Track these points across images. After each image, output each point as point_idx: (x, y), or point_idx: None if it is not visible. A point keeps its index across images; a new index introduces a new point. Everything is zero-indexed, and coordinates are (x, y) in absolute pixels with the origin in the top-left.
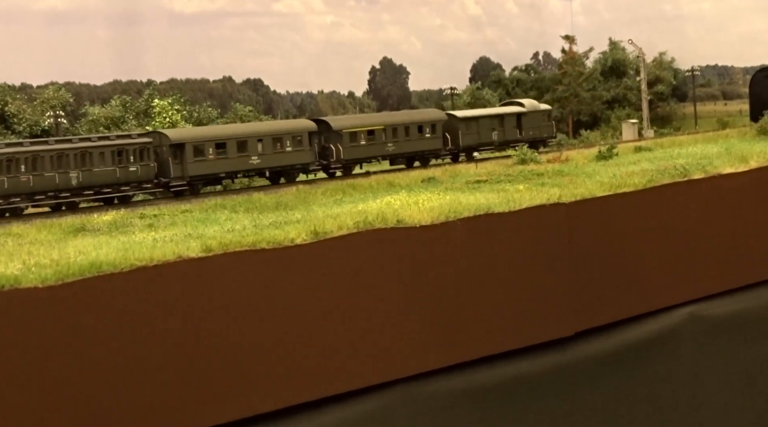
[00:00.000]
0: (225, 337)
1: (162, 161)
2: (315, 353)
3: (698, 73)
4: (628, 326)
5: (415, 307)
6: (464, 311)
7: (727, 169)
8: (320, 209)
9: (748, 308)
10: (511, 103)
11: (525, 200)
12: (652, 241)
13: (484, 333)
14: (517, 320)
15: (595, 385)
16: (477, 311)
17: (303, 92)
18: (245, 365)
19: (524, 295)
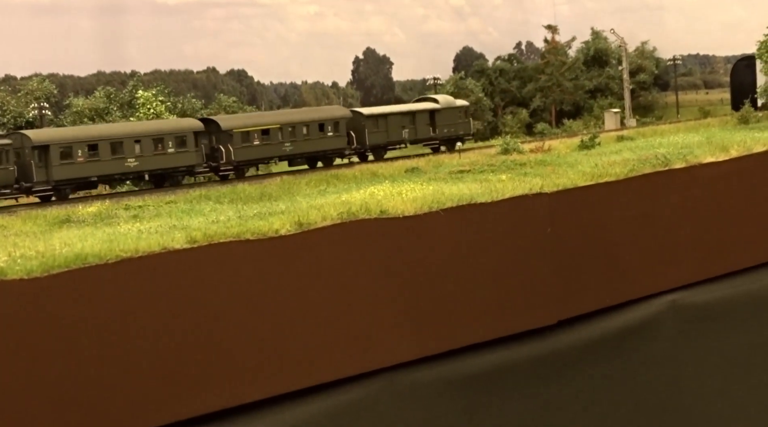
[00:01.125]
0: (210, 327)
1: (24, 165)
2: (299, 343)
3: (680, 63)
4: (610, 314)
5: (398, 297)
6: (448, 300)
7: (708, 159)
8: (304, 200)
9: (728, 295)
10: (425, 99)
11: (507, 190)
12: (634, 230)
13: (467, 322)
14: (501, 309)
15: (578, 372)
16: (460, 301)
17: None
18: (231, 355)
19: (507, 284)
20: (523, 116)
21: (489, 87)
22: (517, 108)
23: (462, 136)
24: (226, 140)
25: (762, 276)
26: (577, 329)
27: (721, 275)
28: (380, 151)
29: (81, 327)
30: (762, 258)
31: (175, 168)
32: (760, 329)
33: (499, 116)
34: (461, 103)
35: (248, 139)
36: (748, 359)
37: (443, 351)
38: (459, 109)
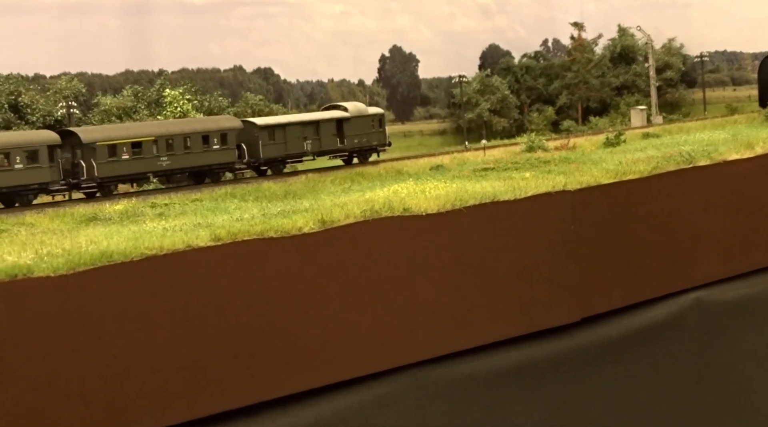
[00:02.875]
0: (234, 325)
1: None
2: (324, 340)
3: (707, 59)
4: (634, 312)
5: (422, 294)
6: (471, 297)
7: (733, 156)
8: (328, 198)
9: (754, 293)
10: (334, 106)
11: (531, 188)
12: (658, 227)
13: (490, 320)
14: (523, 306)
15: (602, 370)
16: (484, 298)
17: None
18: (254, 352)
19: (530, 282)
20: (549, 114)
21: (515, 84)
22: (544, 105)
23: (376, 147)
24: (89, 154)
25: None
26: (601, 326)
27: (745, 272)
28: (278, 166)
29: (106, 324)
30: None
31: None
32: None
33: (525, 114)
34: (374, 111)
35: (115, 153)
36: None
37: (466, 348)
38: (371, 117)
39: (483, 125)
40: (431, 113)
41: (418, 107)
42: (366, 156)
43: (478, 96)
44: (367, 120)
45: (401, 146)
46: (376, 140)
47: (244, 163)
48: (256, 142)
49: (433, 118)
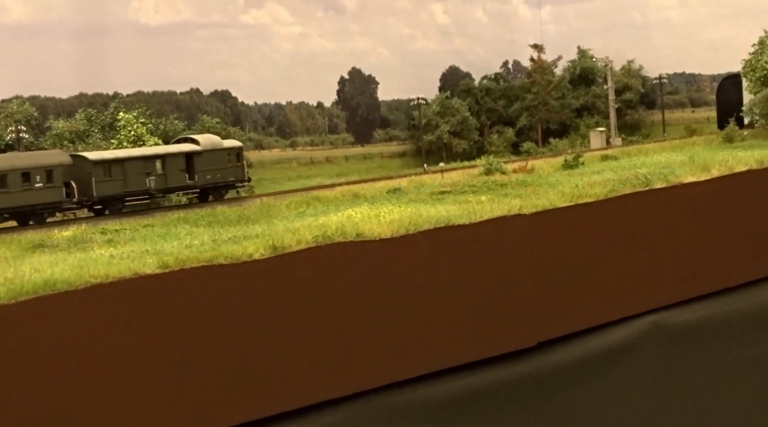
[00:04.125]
0: (181, 353)
1: None
2: (276, 367)
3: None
4: (591, 336)
5: (375, 320)
6: (426, 323)
7: (689, 179)
8: (282, 223)
9: (709, 315)
10: (185, 139)
11: (486, 212)
12: (615, 250)
13: (446, 345)
14: (479, 331)
15: (559, 395)
16: (439, 323)
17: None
18: (203, 382)
19: (486, 306)
20: (509, 135)
21: (475, 106)
22: (504, 127)
23: (233, 184)
24: None
25: (743, 296)
26: (558, 350)
27: (702, 294)
28: (117, 204)
29: (50, 354)
30: (743, 278)
31: None
32: (741, 348)
33: (486, 135)
34: (231, 145)
35: None
36: (730, 378)
37: (421, 374)
38: (227, 151)
39: (443, 147)
40: (391, 135)
41: (378, 129)
42: (221, 193)
43: (438, 118)
44: (221, 154)
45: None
46: (233, 176)
47: (75, 203)
48: (89, 179)
49: (393, 140)
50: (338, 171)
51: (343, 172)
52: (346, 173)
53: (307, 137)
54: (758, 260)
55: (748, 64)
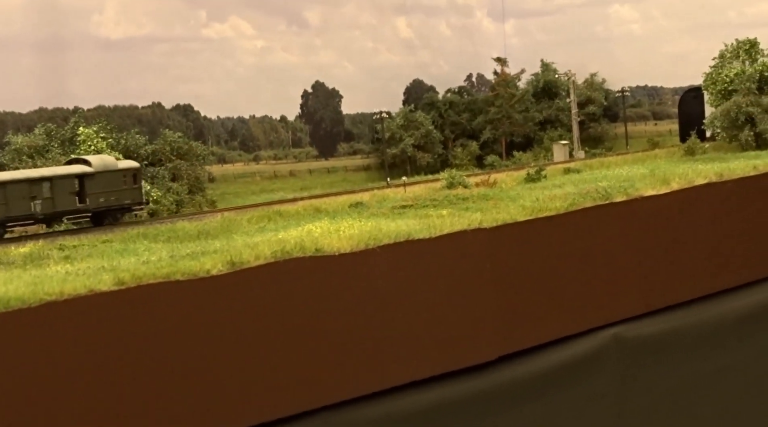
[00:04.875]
0: (139, 371)
1: None
2: (233, 383)
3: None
4: (552, 349)
5: (335, 335)
6: (386, 338)
7: (649, 192)
8: (241, 238)
9: (670, 328)
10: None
11: (446, 226)
12: (575, 264)
13: (406, 360)
14: (440, 345)
15: (521, 409)
16: (399, 338)
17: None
18: (160, 399)
19: (446, 320)
20: (473, 149)
21: (439, 120)
22: (468, 140)
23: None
24: None
25: (703, 309)
26: (519, 364)
27: (663, 307)
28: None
29: (2, 372)
30: (703, 291)
31: None
32: (702, 361)
33: (450, 149)
34: (126, 166)
35: None
36: (692, 391)
37: (381, 389)
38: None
39: (407, 160)
40: (355, 149)
41: (342, 143)
42: (116, 217)
43: (402, 131)
44: (116, 175)
45: (324, 183)
46: (129, 198)
47: None
48: None
49: (357, 153)
50: (302, 185)
51: (307, 185)
52: (310, 187)
53: (271, 151)
54: (718, 273)
55: (709, 77)
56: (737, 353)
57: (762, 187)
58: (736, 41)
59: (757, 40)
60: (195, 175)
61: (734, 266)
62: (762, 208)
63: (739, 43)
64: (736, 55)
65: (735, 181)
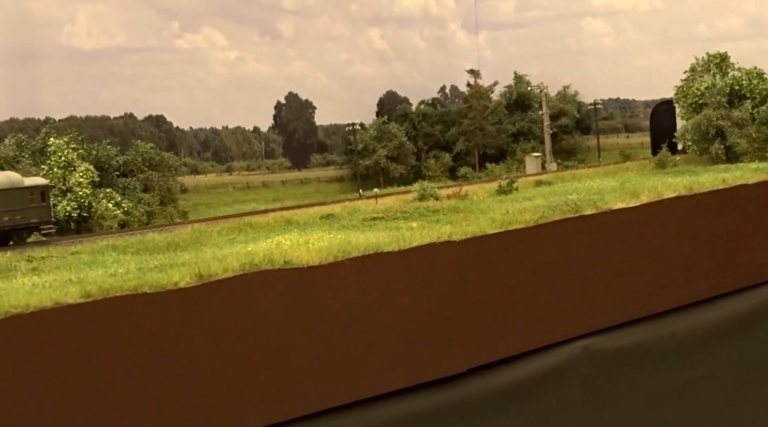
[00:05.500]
0: (106, 384)
1: None
2: (200, 397)
3: (601, 107)
4: (521, 361)
5: (304, 347)
6: (355, 350)
7: (618, 205)
8: (211, 250)
9: (639, 340)
10: None
11: (416, 239)
12: (544, 276)
13: (375, 372)
14: (409, 358)
15: (489, 421)
16: (368, 350)
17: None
18: (128, 413)
19: (415, 332)
20: (446, 160)
21: (412, 131)
22: (441, 152)
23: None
24: None
25: (672, 321)
26: (488, 376)
27: (632, 320)
28: None
29: None
30: (672, 303)
31: None
32: (671, 373)
33: (423, 160)
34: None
35: None
36: (662, 403)
37: (350, 402)
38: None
39: (380, 172)
40: (328, 160)
41: (315, 154)
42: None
43: (375, 143)
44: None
45: (297, 194)
46: (36, 217)
47: None
48: None
49: (331, 165)
50: (275, 196)
51: (280, 197)
52: (283, 198)
53: (244, 162)
54: (687, 285)
55: (680, 90)
56: (707, 365)
57: (730, 200)
58: (706, 55)
59: (727, 54)
60: (167, 186)
61: (703, 279)
62: (730, 222)
63: (709, 56)
64: (707, 69)
65: (704, 195)
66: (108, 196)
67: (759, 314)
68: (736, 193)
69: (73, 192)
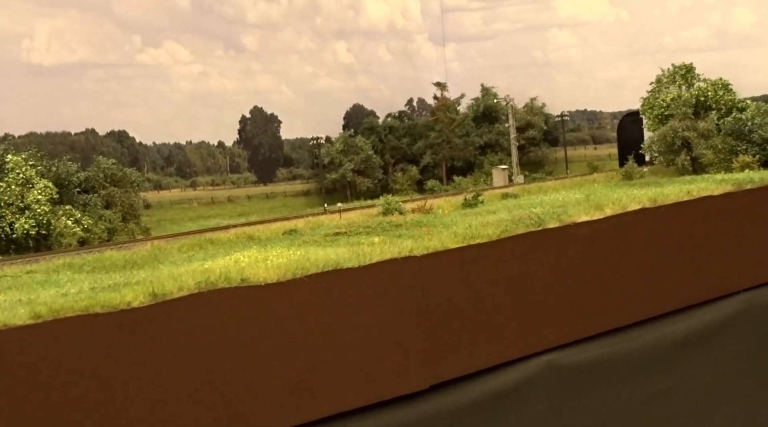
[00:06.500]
0: (54, 406)
1: None
2: (154, 418)
3: (568, 118)
4: (484, 377)
5: (261, 367)
6: (313, 368)
7: (582, 218)
8: (167, 268)
9: (605, 354)
10: None
11: (376, 254)
12: (508, 290)
13: (334, 390)
14: (369, 375)
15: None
16: (327, 368)
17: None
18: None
19: (375, 350)
20: (413, 173)
21: (379, 144)
22: (408, 165)
23: None
24: None
25: (638, 333)
26: (450, 393)
27: (597, 333)
28: None
29: None
30: (638, 316)
31: None
32: (637, 387)
33: (390, 173)
34: None
35: None
36: (628, 416)
37: (308, 421)
38: None
39: (347, 186)
40: (294, 174)
41: (281, 168)
42: None
43: (341, 156)
44: None
45: (263, 208)
46: None
47: None
48: None
49: (297, 178)
50: (240, 211)
51: (245, 211)
52: (248, 213)
53: (208, 177)
54: (653, 298)
55: (646, 102)
56: (674, 377)
57: (695, 212)
58: (672, 66)
59: (693, 65)
60: (129, 202)
61: (669, 291)
62: (695, 233)
63: (675, 68)
64: (673, 80)
65: (668, 207)
66: (67, 214)
67: (725, 326)
68: (701, 205)
69: (31, 209)
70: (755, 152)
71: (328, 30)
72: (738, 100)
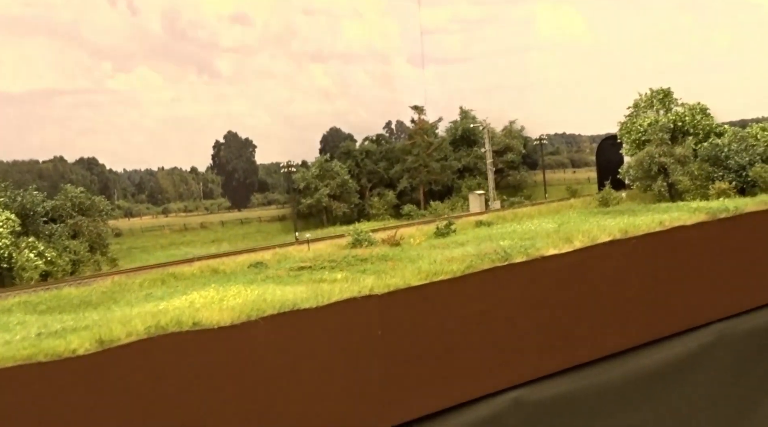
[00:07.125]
0: None
1: None
2: None
3: (547, 142)
4: (448, 416)
5: (213, 414)
6: (267, 413)
7: (550, 251)
8: (121, 309)
9: (573, 389)
10: None
11: (335, 293)
12: (472, 328)
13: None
14: (326, 418)
15: None
16: (282, 412)
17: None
18: None
19: (333, 392)
20: (390, 198)
21: (355, 169)
22: (385, 189)
23: None
24: None
25: (608, 368)
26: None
27: (564, 369)
28: None
29: None
30: (607, 350)
31: None
32: (607, 421)
33: (367, 198)
34: None
35: None
36: None
37: None
38: None
39: (323, 211)
40: (270, 199)
41: (256, 193)
42: None
43: (317, 181)
44: None
45: (237, 234)
46: None
47: None
48: None
49: (272, 204)
50: (213, 237)
51: (219, 237)
52: (221, 239)
53: (181, 203)
54: (622, 331)
55: (624, 126)
56: (646, 411)
57: (667, 243)
58: (650, 90)
59: (670, 89)
60: (97, 231)
61: (639, 324)
62: (666, 265)
63: (653, 92)
64: (651, 105)
65: (639, 238)
66: (30, 246)
67: (697, 358)
68: (673, 236)
69: None
70: (731, 179)
71: (305, 53)
72: (716, 125)
